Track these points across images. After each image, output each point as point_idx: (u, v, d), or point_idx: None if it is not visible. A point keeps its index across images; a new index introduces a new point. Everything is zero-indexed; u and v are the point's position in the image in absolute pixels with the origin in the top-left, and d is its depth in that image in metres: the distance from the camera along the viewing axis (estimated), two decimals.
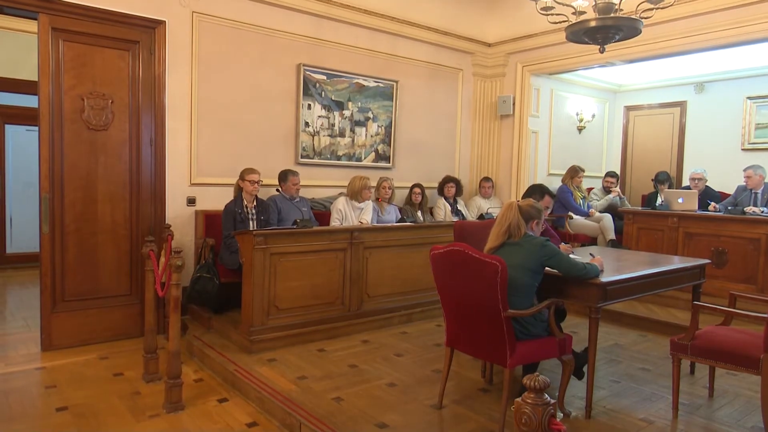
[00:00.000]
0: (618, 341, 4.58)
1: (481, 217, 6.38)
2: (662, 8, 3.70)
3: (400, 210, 5.96)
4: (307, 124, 5.67)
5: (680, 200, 5.76)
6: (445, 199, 6.47)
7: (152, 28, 4.65)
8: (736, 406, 3.30)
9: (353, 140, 6.07)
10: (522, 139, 7.03)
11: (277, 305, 4.19)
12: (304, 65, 5.55)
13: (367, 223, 5.23)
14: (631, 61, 6.27)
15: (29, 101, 6.01)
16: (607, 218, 6.49)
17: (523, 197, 4.20)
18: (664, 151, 8.30)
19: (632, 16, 3.68)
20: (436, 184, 6.58)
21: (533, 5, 3.92)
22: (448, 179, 6.51)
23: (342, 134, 5.97)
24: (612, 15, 3.66)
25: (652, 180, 6.99)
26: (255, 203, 4.85)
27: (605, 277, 3.09)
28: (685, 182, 6.85)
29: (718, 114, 7.63)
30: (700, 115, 7.85)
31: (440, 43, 6.69)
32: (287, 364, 3.82)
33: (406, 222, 5.66)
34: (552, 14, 3.86)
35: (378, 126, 6.26)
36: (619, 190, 7.11)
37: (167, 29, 4.70)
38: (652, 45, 5.63)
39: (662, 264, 3.82)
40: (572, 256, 3.32)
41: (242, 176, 4.79)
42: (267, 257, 4.10)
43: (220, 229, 4.79)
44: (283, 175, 5.15)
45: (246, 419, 3.20)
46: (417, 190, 6.16)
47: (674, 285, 3.79)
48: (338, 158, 5.96)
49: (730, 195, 5.98)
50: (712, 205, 5.75)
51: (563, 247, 3.80)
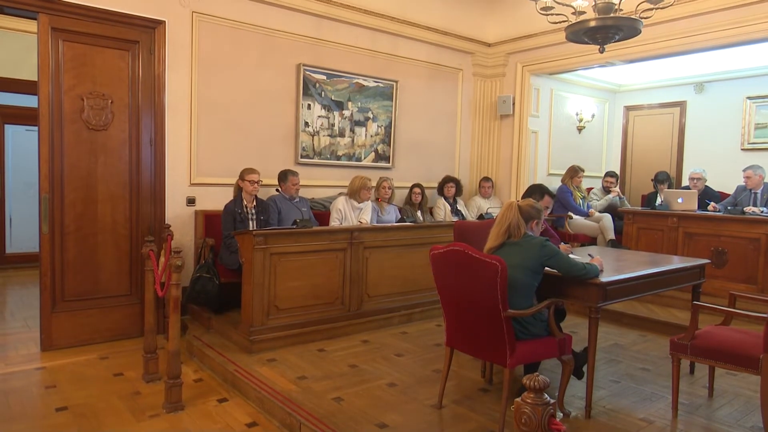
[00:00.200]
0: (618, 341, 4.58)
1: (480, 217, 6.38)
2: (662, 8, 3.70)
3: (400, 210, 5.96)
4: (306, 124, 5.67)
5: (680, 200, 5.77)
6: (445, 199, 6.47)
7: (152, 28, 4.65)
8: (735, 405, 3.30)
9: (353, 140, 6.07)
10: (522, 139, 7.03)
11: (277, 305, 4.19)
12: (303, 65, 5.55)
13: (367, 223, 5.24)
14: (631, 61, 6.27)
15: (29, 101, 6.00)
16: (607, 218, 6.49)
17: (522, 197, 4.21)
18: (663, 151, 8.30)
19: (632, 16, 3.68)
20: (436, 184, 6.58)
21: (533, 5, 3.93)
22: (447, 179, 6.51)
23: (342, 134, 5.97)
24: (612, 15, 3.66)
25: (652, 180, 6.99)
26: (255, 203, 4.85)
27: (605, 277, 3.09)
28: (685, 182, 6.85)
29: (717, 114, 7.63)
30: (700, 115, 7.86)
31: (440, 43, 6.69)
32: (287, 364, 3.82)
33: (405, 222, 5.66)
34: (552, 14, 3.86)
35: (378, 126, 6.26)
36: (618, 190, 7.12)
37: (167, 29, 4.70)
38: (652, 45, 5.64)
39: (662, 264, 3.83)
40: (572, 256, 3.33)
41: (242, 176, 4.79)
42: (267, 257, 4.10)
43: (220, 229, 4.79)
44: (283, 175, 5.15)
45: (246, 419, 3.20)
46: (417, 190, 6.16)
47: (674, 285, 3.79)
48: (338, 158, 5.96)
49: (729, 195, 5.98)
50: (712, 205, 5.75)
51: (563, 247, 3.81)
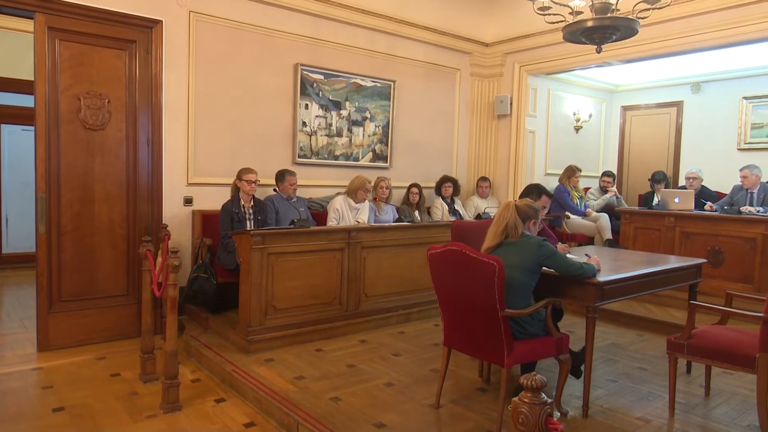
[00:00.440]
0: (615, 340, 4.59)
1: (478, 216, 6.38)
2: (659, 8, 3.70)
3: (398, 210, 5.96)
4: (304, 123, 5.67)
5: (677, 200, 5.78)
6: (443, 198, 6.47)
7: (149, 27, 4.64)
8: (732, 404, 3.32)
9: (350, 140, 6.06)
10: (519, 138, 7.04)
11: (275, 305, 4.18)
12: (301, 65, 5.55)
13: (364, 223, 5.24)
14: (628, 61, 6.28)
15: (26, 101, 5.98)
16: (604, 218, 6.50)
17: (520, 197, 4.21)
18: (660, 150, 8.32)
19: (629, 17, 3.69)
20: (434, 184, 6.58)
21: (530, 5, 3.93)
22: (445, 179, 6.51)
23: (339, 134, 5.97)
24: (609, 15, 3.67)
25: (649, 180, 7.01)
26: (252, 203, 4.84)
27: (602, 277, 3.10)
28: (682, 182, 6.87)
29: (714, 114, 7.65)
30: (697, 115, 7.87)
31: (438, 43, 6.69)
32: (285, 364, 3.82)
33: (403, 222, 5.66)
34: (549, 14, 3.86)
35: (375, 126, 6.25)
36: (615, 190, 7.14)
37: (164, 29, 4.69)
38: (649, 45, 5.65)
39: (659, 263, 3.84)
40: (569, 255, 3.33)
41: (239, 176, 4.78)
42: (264, 257, 4.10)
43: (218, 229, 4.79)
44: (281, 175, 5.14)
45: (243, 419, 3.20)
46: (414, 189, 6.16)
47: (671, 284, 3.80)
48: (335, 158, 5.96)
49: (726, 195, 6.00)
50: (708, 205, 5.77)
51: (560, 246, 3.81)
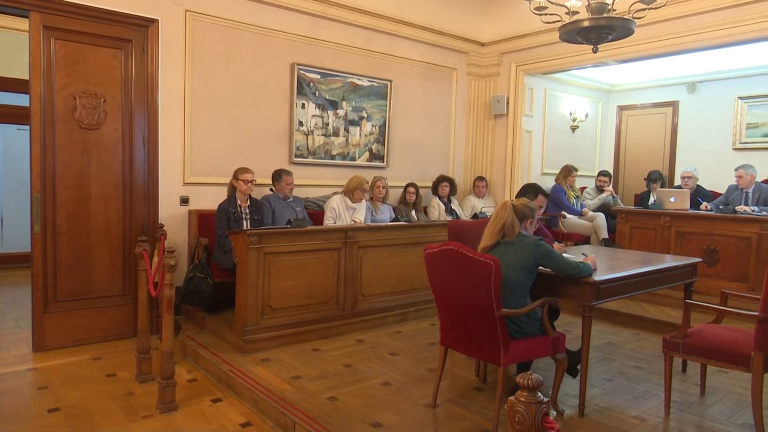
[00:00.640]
0: (611, 339, 4.60)
1: (475, 216, 6.40)
2: (655, 8, 3.71)
3: (395, 209, 5.96)
4: (301, 123, 5.66)
5: (672, 199, 5.80)
6: (440, 198, 6.48)
7: (145, 26, 4.63)
8: (727, 403, 3.33)
9: (347, 139, 6.06)
10: (516, 138, 7.05)
11: (272, 305, 4.18)
12: (298, 64, 5.54)
13: (361, 223, 5.23)
14: (624, 61, 6.29)
15: (21, 100, 5.95)
16: (600, 217, 6.53)
17: (516, 196, 4.21)
18: (656, 150, 8.34)
19: (625, 17, 3.70)
20: (431, 184, 6.59)
21: (527, 5, 3.93)
22: (442, 178, 6.52)
23: (336, 134, 5.96)
24: (605, 15, 3.68)
25: (645, 179, 7.03)
26: (249, 203, 4.83)
27: (598, 276, 3.11)
28: (677, 181, 6.90)
29: (709, 114, 7.68)
30: (692, 114, 7.90)
31: (435, 42, 6.70)
32: (282, 363, 3.82)
33: (400, 221, 5.66)
34: (545, 14, 3.87)
35: (372, 125, 6.25)
36: (612, 189, 7.16)
37: (160, 28, 4.68)
38: (645, 45, 5.67)
39: (655, 263, 3.85)
40: (565, 255, 3.34)
41: (236, 176, 4.78)
42: (261, 257, 4.09)
43: (214, 228, 4.78)
44: (277, 175, 5.13)
45: (240, 419, 3.19)
46: (411, 189, 6.17)
47: (667, 283, 3.81)
48: (332, 158, 5.95)
49: (721, 194, 6.03)
50: (704, 205, 5.79)
51: (556, 246, 3.82)
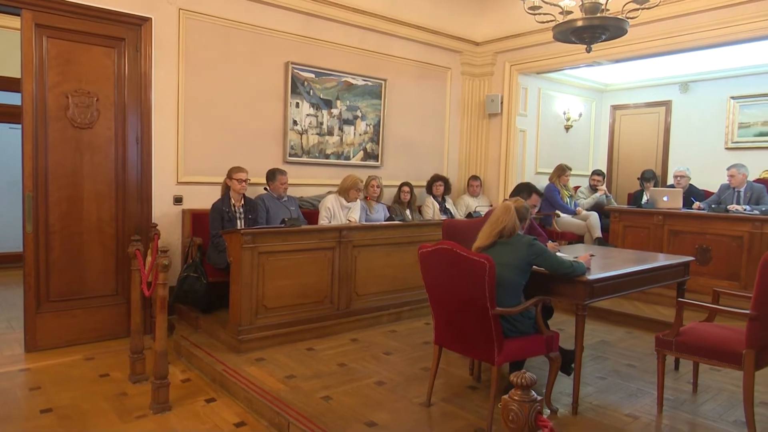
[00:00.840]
0: (605, 338, 4.62)
1: (469, 215, 6.40)
2: (648, 8, 3.73)
3: (389, 208, 5.97)
4: (295, 122, 5.65)
5: (665, 198, 5.83)
6: (434, 197, 6.48)
7: (138, 25, 4.60)
8: (719, 401, 3.35)
9: (342, 139, 6.05)
10: (510, 137, 7.07)
11: (266, 304, 4.17)
12: (292, 63, 5.53)
13: (356, 222, 5.23)
14: (618, 61, 6.32)
15: (12, 98, 5.91)
16: (594, 216, 6.55)
17: (511, 195, 4.22)
18: (649, 149, 8.39)
19: (618, 16, 3.71)
20: (425, 183, 6.59)
21: (521, 5, 3.94)
22: (436, 178, 6.52)
23: (330, 133, 5.95)
24: (598, 15, 3.69)
25: (638, 178, 7.07)
26: (243, 202, 4.82)
27: (592, 275, 3.12)
28: (671, 180, 6.94)
29: (702, 113, 7.72)
30: (685, 114, 7.94)
31: (429, 41, 6.70)
32: (276, 363, 3.81)
33: (394, 221, 5.66)
34: (539, 14, 3.87)
35: (366, 124, 6.25)
36: (605, 189, 7.19)
37: (153, 26, 4.65)
38: (638, 45, 5.69)
39: (648, 262, 3.87)
40: (559, 254, 3.35)
41: (230, 175, 4.76)
42: (255, 256, 4.09)
43: (208, 228, 4.76)
44: (271, 174, 5.12)
45: (234, 419, 3.19)
46: (406, 188, 6.17)
47: (659, 282, 3.84)
48: (326, 157, 5.95)
49: (713, 193, 6.06)
50: (696, 204, 5.83)
51: (550, 245, 3.83)
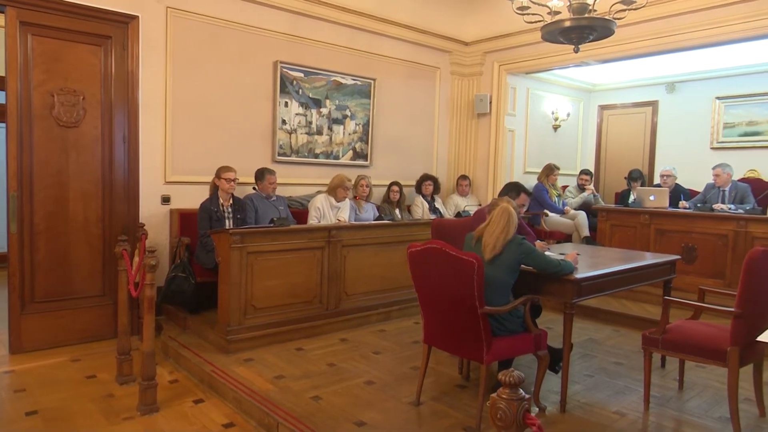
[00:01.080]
0: (592, 336, 4.66)
1: (458, 214, 6.42)
2: (635, 9, 3.76)
3: (378, 208, 5.96)
4: (284, 121, 5.63)
5: (652, 198, 5.89)
6: (423, 197, 6.49)
7: (125, 23, 4.56)
8: (704, 397, 3.40)
9: (331, 138, 6.04)
10: (499, 137, 7.09)
11: (255, 304, 4.15)
12: (281, 62, 5.51)
13: (345, 221, 5.23)
14: (605, 61, 6.37)
15: None
16: (582, 215, 6.60)
17: (499, 195, 4.23)
18: (636, 149, 8.46)
19: (606, 17, 3.74)
20: (414, 182, 6.60)
21: (510, 5, 3.95)
22: (425, 177, 6.53)
23: (319, 132, 5.94)
24: (586, 15, 3.72)
25: (625, 178, 7.13)
26: (231, 202, 4.79)
27: (580, 274, 3.14)
28: (657, 180, 7.01)
29: (688, 113, 7.80)
30: (671, 114, 8.02)
31: (418, 41, 6.70)
32: (265, 363, 3.80)
33: (383, 220, 5.66)
34: (528, 14, 3.89)
35: (356, 124, 6.24)
36: (593, 188, 7.25)
37: (141, 24, 4.61)
38: (625, 45, 5.74)
39: (635, 260, 3.91)
40: (547, 253, 3.37)
41: (218, 174, 4.73)
42: (244, 256, 4.07)
43: (196, 228, 4.73)
44: (260, 174, 5.10)
45: (223, 420, 3.17)
46: (395, 188, 6.17)
47: (646, 280, 3.87)
48: (316, 156, 5.93)
49: (699, 192, 6.14)
50: (682, 203, 5.89)
51: (539, 244, 3.85)
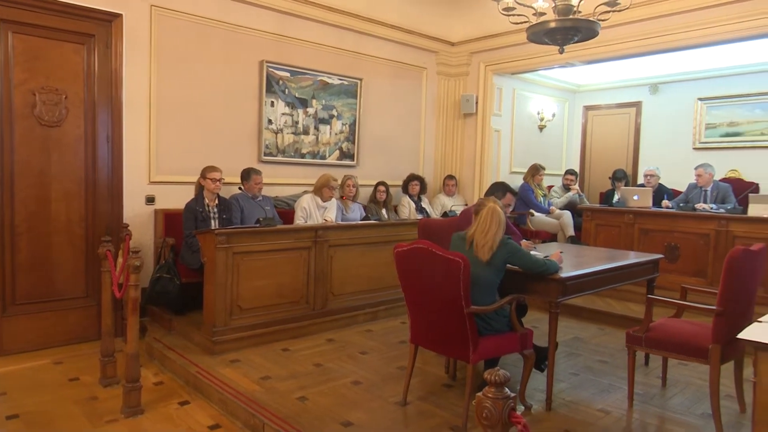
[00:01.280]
0: (578, 335, 4.71)
1: (445, 214, 6.44)
2: (619, 11, 3.80)
3: (365, 208, 5.96)
4: (270, 121, 5.60)
5: (636, 197, 5.97)
6: (410, 197, 6.50)
7: (108, 21, 4.50)
8: (687, 394, 3.45)
9: (317, 138, 6.02)
10: (485, 137, 7.13)
11: (241, 305, 4.13)
12: (267, 62, 5.48)
13: (332, 222, 5.22)
14: (590, 62, 6.44)
15: None
16: (567, 215, 6.66)
17: (486, 194, 4.26)
18: (620, 149, 8.56)
19: (590, 18, 3.78)
20: (401, 182, 6.61)
21: (496, 6, 3.98)
22: (412, 177, 6.54)
23: (306, 132, 5.92)
24: (571, 17, 3.75)
25: (610, 178, 7.21)
26: (217, 202, 4.76)
27: (565, 273, 3.17)
28: (641, 180, 7.09)
29: (671, 114, 7.91)
30: (655, 115, 8.13)
31: (405, 41, 6.71)
32: (251, 364, 3.78)
33: (370, 220, 5.66)
34: (513, 15, 3.91)
35: (342, 124, 6.23)
36: (578, 188, 7.32)
37: (124, 23, 4.55)
38: (610, 47, 5.80)
39: (619, 259, 3.96)
40: (533, 252, 3.40)
41: (203, 174, 4.70)
42: (229, 256, 4.04)
43: (181, 228, 4.69)
44: (246, 174, 5.07)
45: (208, 422, 3.15)
46: (381, 188, 6.17)
47: (630, 279, 3.93)
48: (302, 156, 5.91)
49: (682, 192, 6.22)
50: (665, 202, 5.97)
51: (524, 243, 3.88)
